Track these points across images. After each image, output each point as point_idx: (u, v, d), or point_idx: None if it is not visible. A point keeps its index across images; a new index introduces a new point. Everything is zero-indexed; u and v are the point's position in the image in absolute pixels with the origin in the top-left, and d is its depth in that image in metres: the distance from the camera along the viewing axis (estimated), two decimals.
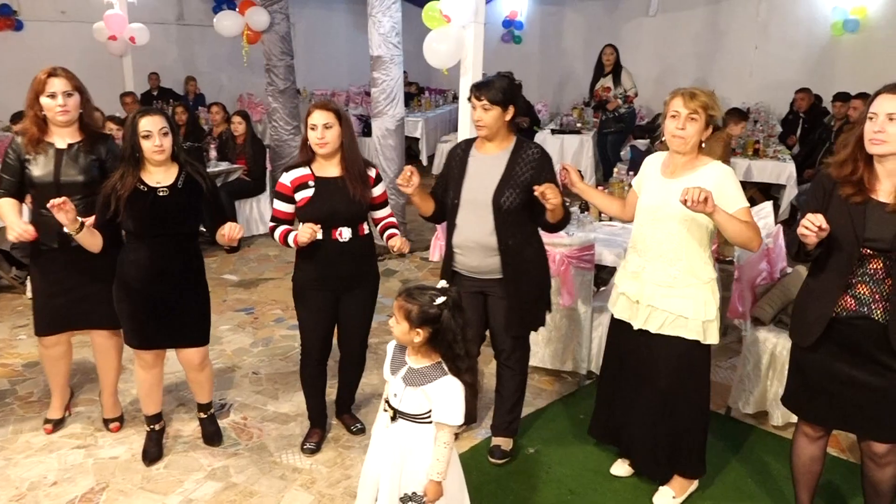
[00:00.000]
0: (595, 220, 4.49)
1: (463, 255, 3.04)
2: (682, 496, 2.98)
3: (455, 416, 2.16)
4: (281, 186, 3.06)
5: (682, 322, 2.71)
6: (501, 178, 2.92)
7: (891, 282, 2.27)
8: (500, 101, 2.88)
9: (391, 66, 5.88)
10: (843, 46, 8.91)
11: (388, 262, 6.05)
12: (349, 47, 12.41)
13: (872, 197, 2.28)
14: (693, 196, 2.36)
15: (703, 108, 2.60)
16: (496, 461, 3.25)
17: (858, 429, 2.49)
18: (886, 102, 2.20)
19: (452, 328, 2.13)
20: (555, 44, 11.43)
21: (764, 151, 6.77)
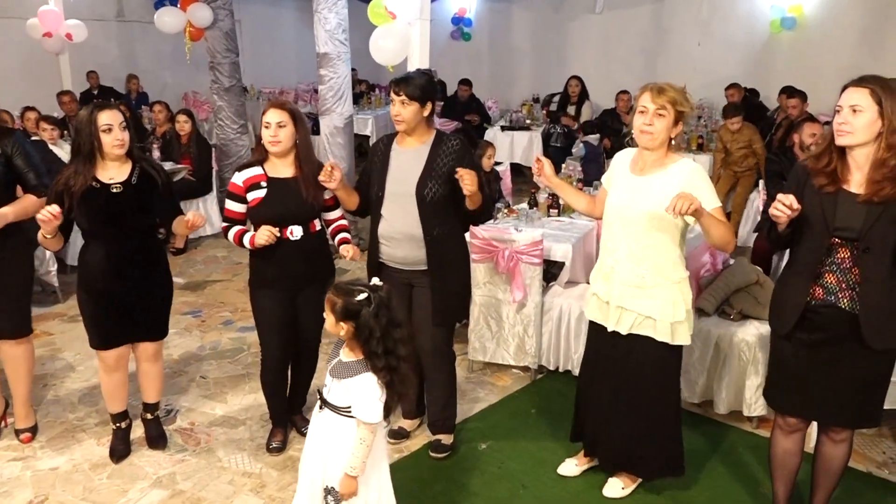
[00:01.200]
0: (543, 215, 4.53)
1: (389, 247, 3.06)
2: (631, 487, 3.03)
3: (370, 413, 2.16)
4: (233, 186, 3.04)
5: (651, 323, 2.70)
6: (423, 170, 2.97)
7: (857, 271, 2.32)
8: (419, 97, 2.93)
9: (338, 64, 5.82)
10: (782, 43, 9.17)
11: (338, 261, 5.97)
12: (297, 44, 12.24)
13: (844, 187, 2.34)
14: (681, 208, 2.32)
15: (672, 103, 2.55)
16: (437, 455, 3.26)
17: (828, 417, 2.53)
18: (850, 95, 2.27)
19: (370, 325, 2.13)
20: (503, 41, 11.49)
21: (708, 146, 6.93)
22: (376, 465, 2.31)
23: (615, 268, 2.74)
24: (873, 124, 2.24)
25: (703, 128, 7.53)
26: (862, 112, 2.24)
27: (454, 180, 2.90)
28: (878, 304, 2.30)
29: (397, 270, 3.09)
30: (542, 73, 10.97)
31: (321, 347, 3.31)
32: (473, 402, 3.77)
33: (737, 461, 3.26)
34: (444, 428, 3.32)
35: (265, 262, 3.05)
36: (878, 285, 2.29)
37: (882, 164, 2.24)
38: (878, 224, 2.25)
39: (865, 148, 2.29)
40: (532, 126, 8.42)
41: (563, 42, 10.83)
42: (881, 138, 2.24)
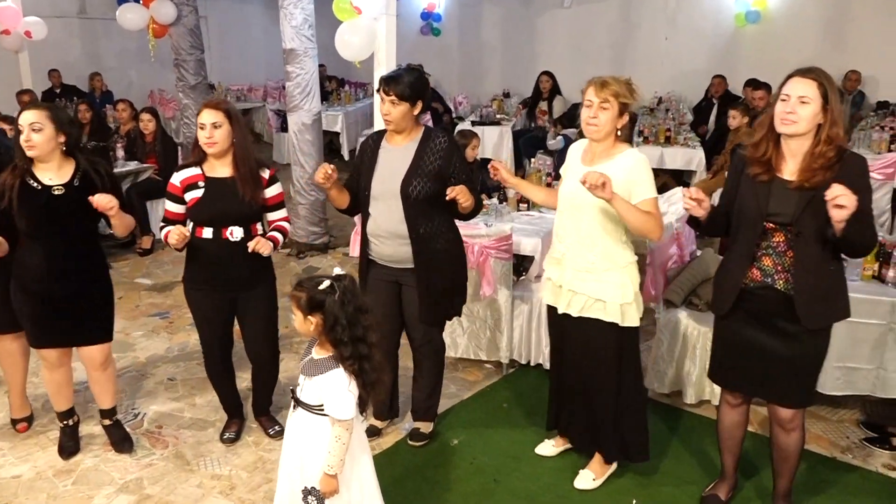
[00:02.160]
0: (513, 209, 4.53)
1: (377, 245, 3.07)
2: (602, 477, 3.05)
3: (341, 410, 2.13)
4: (171, 187, 3.01)
5: (601, 305, 2.78)
6: (409, 169, 2.95)
7: (792, 254, 2.42)
8: (409, 96, 2.90)
9: (305, 60, 5.76)
10: (747, 37, 9.29)
11: (309, 260, 5.95)
12: (265, 40, 12.11)
13: (778, 175, 2.42)
14: (592, 180, 2.45)
15: (615, 96, 2.63)
16: (414, 443, 3.30)
17: (766, 394, 2.64)
18: (799, 86, 2.33)
19: (336, 313, 2.09)
20: (473, 36, 11.48)
21: (675, 139, 7.00)
22: (355, 461, 2.28)
23: (566, 254, 2.83)
24: (816, 116, 2.32)
25: (670, 120, 7.59)
26: (808, 104, 2.31)
27: (442, 179, 2.92)
28: (811, 286, 2.41)
29: (386, 268, 3.10)
30: (512, 68, 10.98)
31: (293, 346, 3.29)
32: (445, 398, 3.74)
33: (705, 449, 3.30)
34: (426, 415, 3.36)
35: (202, 263, 3.02)
36: (810, 268, 2.40)
37: (820, 155, 2.33)
38: (808, 209, 2.34)
39: (802, 139, 2.37)
40: (502, 121, 8.42)
41: (532, 37, 10.85)
42: (821, 131, 2.33)
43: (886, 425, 3.44)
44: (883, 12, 8.36)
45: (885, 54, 8.39)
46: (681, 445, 3.35)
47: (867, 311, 3.22)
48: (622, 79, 2.70)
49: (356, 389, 2.16)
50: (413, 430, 3.36)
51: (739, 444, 2.84)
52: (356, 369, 2.14)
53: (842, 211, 2.14)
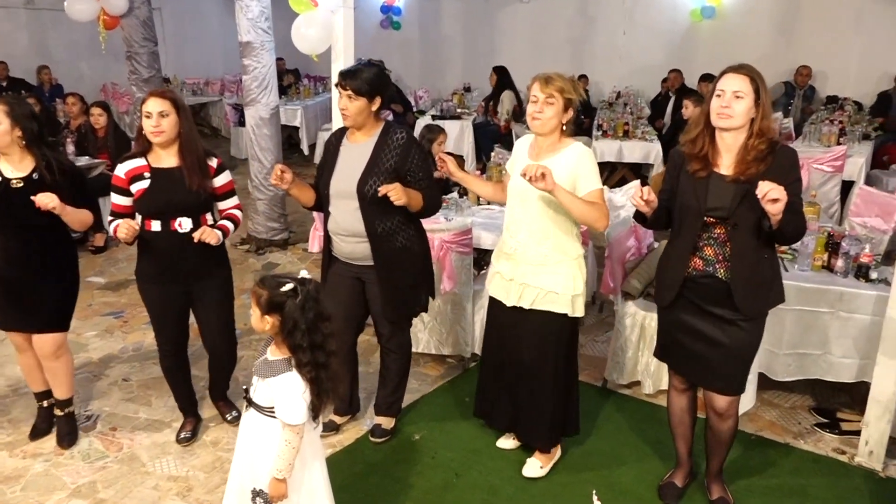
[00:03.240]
0: (473, 204, 4.53)
1: (338, 242, 3.07)
2: (549, 464, 3.10)
3: (292, 415, 2.09)
4: (116, 179, 2.96)
5: (553, 297, 2.82)
6: (366, 167, 2.92)
7: (731, 244, 2.50)
8: (367, 91, 2.87)
9: (262, 53, 5.68)
10: (702, 32, 9.45)
11: (269, 256, 5.86)
12: (222, 33, 11.88)
13: (715, 170, 2.50)
14: (531, 172, 2.50)
15: (559, 91, 2.70)
16: (376, 440, 3.29)
17: (704, 382, 2.71)
18: (733, 81, 2.41)
19: (295, 317, 2.05)
20: (434, 30, 11.44)
21: (633, 133, 7.08)
22: (306, 467, 2.24)
23: (518, 249, 2.85)
24: (750, 110, 2.41)
25: (628, 114, 7.67)
26: (743, 98, 2.39)
27: (399, 175, 2.91)
28: (747, 275, 2.49)
29: (348, 265, 3.09)
30: (472, 62, 10.98)
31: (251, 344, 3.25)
32: (407, 394, 3.71)
33: (663, 438, 3.34)
34: (388, 411, 3.36)
35: (153, 255, 2.99)
36: (746, 258, 2.48)
37: (753, 148, 2.42)
38: (744, 202, 2.42)
39: (736, 132, 2.44)
40: (462, 115, 8.42)
41: (492, 31, 10.87)
42: (754, 124, 2.42)
43: (836, 410, 3.55)
44: (831, 10, 8.59)
45: (834, 50, 8.62)
46: (639, 435, 3.40)
47: (816, 300, 3.31)
48: (566, 75, 2.78)
49: (309, 395, 2.12)
50: (375, 426, 3.35)
51: (691, 430, 2.91)
52: (312, 376, 2.09)
53: (776, 204, 2.22)
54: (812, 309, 3.32)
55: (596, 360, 4.10)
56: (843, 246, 3.40)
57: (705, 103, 2.52)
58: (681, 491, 2.94)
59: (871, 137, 6.86)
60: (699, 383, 2.78)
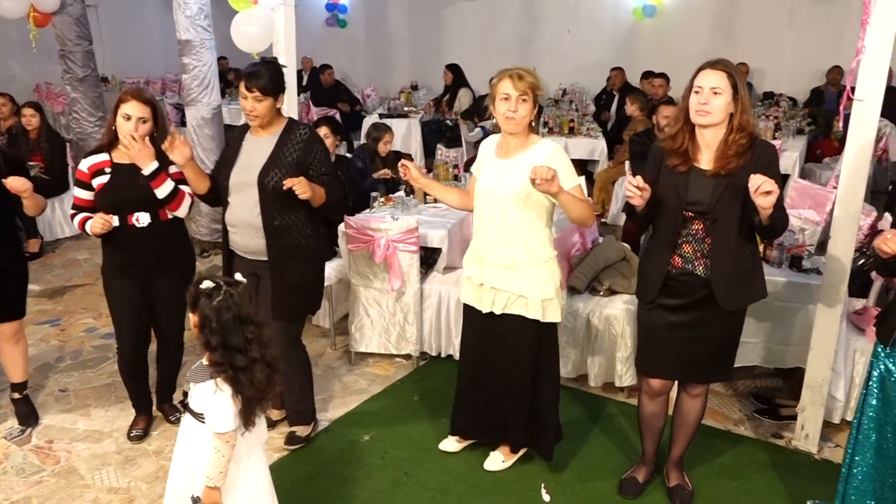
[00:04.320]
0: (420, 202, 4.53)
1: (235, 234, 3.05)
2: (512, 460, 3.11)
3: (217, 422, 2.04)
4: (79, 173, 3.03)
5: (523, 302, 2.78)
6: (268, 159, 2.93)
7: (710, 240, 2.52)
8: (272, 90, 2.89)
9: (202, 51, 5.55)
10: (644, 30, 9.65)
11: (213, 258, 5.74)
12: (162, 31, 11.57)
13: (695, 165, 2.51)
14: (541, 174, 2.42)
15: (532, 88, 2.66)
16: (290, 447, 3.22)
17: (691, 376, 2.74)
18: (709, 77, 2.43)
19: (208, 315, 2.01)
20: (381, 28, 11.39)
21: (578, 130, 7.18)
22: (242, 476, 2.19)
23: (487, 250, 2.81)
24: (728, 106, 2.42)
25: (574, 112, 7.77)
26: (721, 94, 2.40)
27: (301, 170, 2.91)
28: (728, 270, 2.51)
29: (244, 260, 3.07)
30: (420, 60, 10.98)
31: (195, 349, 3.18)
32: (356, 394, 3.72)
33: (610, 430, 3.41)
34: (301, 419, 3.27)
35: (113, 250, 3.06)
36: (727, 253, 2.50)
37: (734, 143, 2.43)
38: (724, 196, 2.44)
39: (716, 128, 2.46)
40: (410, 114, 8.40)
41: (440, 29, 10.88)
42: (733, 119, 2.43)
43: (774, 397, 3.66)
44: (766, 8, 8.87)
45: (770, 48, 8.91)
46: (586, 428, 3.45)
47: None
48: (533, 70, 2.72)
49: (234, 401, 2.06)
50: (289, 433, 3.25)
51: (660, 432, 2.92)
52: (230, 377, 2.03)
53: (769, 197, 2.25)
54: None
55: None
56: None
57: (684, 100, 2.53)
58: (642, 486, 2.96)
59: (804, 132, 7.11)
60: (687, 378, 2.77)
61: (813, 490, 2.96)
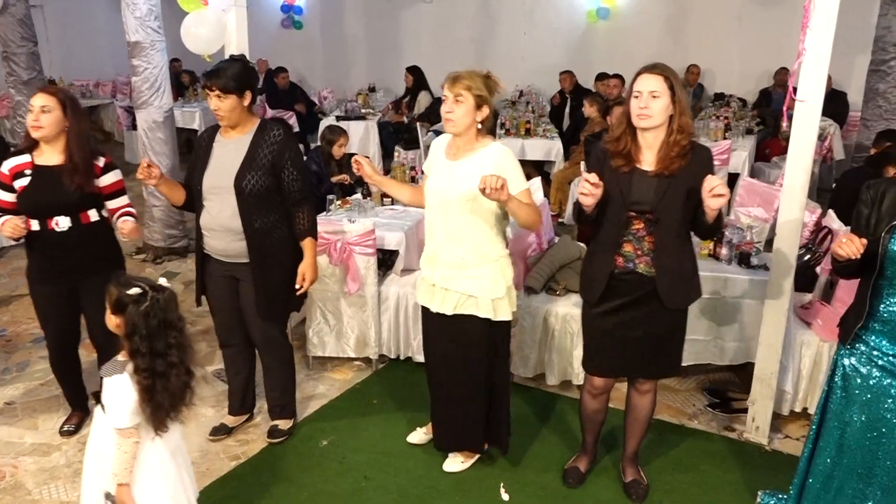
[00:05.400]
0: (377, 204, 4.51)
1: (211, 238, 3.01)
2: (471, 460, 3.12)
3: (115, 417, 2.08)
4: (1, 175, 2.96)
5: (473, 301, 2.79)
6: (243, 163, 2.91)
7: (651, 239, 2.56)
8: (235, 88, 2.86)
9: (152, 53, 5.45)
10: (598, 32, 9.78)
11: (167, 265, 5.64)
12: (110, 32, 11.29)
13: (638, 166, 2.56)
14: (491, 183, 2.41)
15: (467, 89, 2.65)
16: (273, 440, 3.26)
17: (640, 373, 2.79)
18: (648, 82, 2.47)
19: (136, 321, 2.05)
20: (337, 30, 11.31)
21: (534, 131, 7.24)
22: (146, 483, 2.17)
23: (437, 251, 2.83)
24: (667, 108, 2.47)
25: (530, 113, 7.84)
26: (659, 97, 2.46)
27: (275, 172, 2.90)
28: (670, 268, 2.57)
29: (221, 263, 3.04)
30: (377, 62, 10.94)
31: None
32: (314, 399, 3.69)
33: (567, 427, 3.45)
34: (282, 414, 3.32)
35: (35, 255, 3.04)
36: (669, 251, 2.56)
37: (675, 143, 2.48)
38: (666, 196, 2.50)
39: (657, 130, 2.51)
40: (368, 115, 8.36)
41: (397, 31, 10.86)
42: (673, 121, 2.48)
43: (727, 391, 3.75)
44: (715, 12, 9.07)
45: (719, 50, 9.11)
46: (545, 426, 3.48)
47: (704, 287, 3.45)
48: (480, 72, 2.73)
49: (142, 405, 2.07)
50: (272, 426, 3.31)
51: (600, 425, 3.00)
52: (147, 385, 2.06)
53: (720, 199, 2.31)
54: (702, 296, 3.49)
55: None
56: (726, 235, 3.60)
57: (625, 104, 2.57)
58: (583, 475, 3.03)
59: (753, 132, 7.30)
60: (633, 375, 2.82)
61: (764, 480, 3.03)
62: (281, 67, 9.33)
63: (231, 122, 2.91)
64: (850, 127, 7.56)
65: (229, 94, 2.84)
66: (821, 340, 3.37)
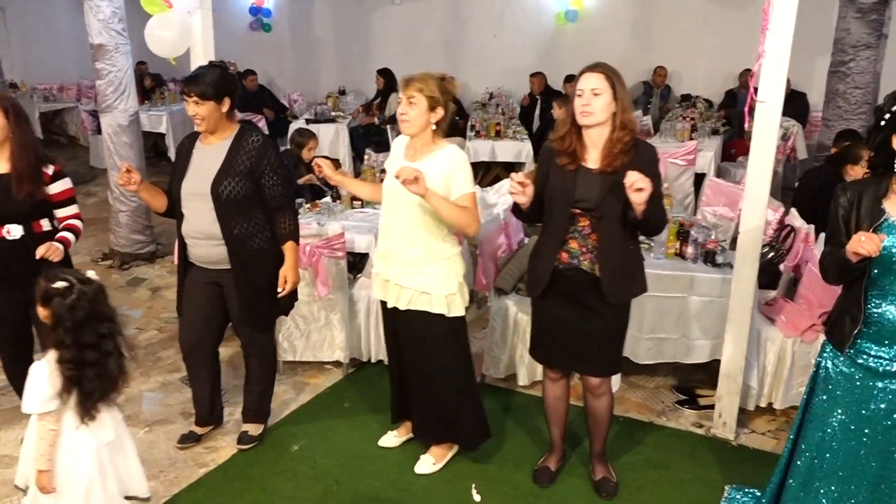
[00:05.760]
0: (347, 207, 4.50)
1: (192, 246, 3.00)
2: (443, 461, 3.13)
3: (27, 401, 2.15)
4: None
5: (427, 298, 2.84)
6: (220, 168, 2.90)
7: (595, 236, 2.61)
8: (212, 94, 2.85)
9: (117, 56, 5.37)
10: (567, 34, 9.85)
11: (134, 271, 5.55)
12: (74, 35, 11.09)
13: (583, 164, 2.61)
14: (405, 175, 2.51)
15: (419, 91, 2.72)
16: (242, 447, 3.24)
17: (579, 367, 2.85)
18: (589, 80, 2.54)
19: (60, 314, 2.12)
20: (306, 32, 11.25)
21: (504, 133, 7.28)
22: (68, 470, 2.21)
23: (391, 249, 2.88)
24: (609, 105, 2.53)
25: (500, 115, 7.87)
26: (600, 95, 2.51)
27: (254, 178, 2.90)
28: (613, 265, 2.62)
29: (205, 270, 3.02)
30: (347, 64, 10.90)
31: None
32: (284, 405, 3.66)
33: (539, 427, 3.45)
34: (256, 417, 3.31)
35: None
36: (612, 248, 2.62)
37: (618, 140, 2.55)
38: (610, 193, 2.55)
39: (601, 128, 2.57)
40: (338, 118, 8.33)
41: (367, 33, 10.82)
42: (615, 118, 2.54)
43: (694, 388, 3.80)
44: (682, 14, 9.18)
45: (686, 52, 9.22)
46: (517, 426, 3.50)
47: (670, 286, 3.54)
48: (435, 74, 2.79)
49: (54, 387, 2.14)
50: (242, 432, 3.28)
51: (564, 416, 3.02)
52: (71, 375, 2.13)
53: (641, 194, 2.35)
54: (668, 295, 3.55)
55: (475, 356, 4.14)
56: (692, 234, 3.66)
57: (570, 104, 2.62)
58: (554, 474, 3.06)
59: (719, 132, 7.42)
60: (575, 369, 2.90)
61: (731, 475, 3.08)
62: (250, 70, 9.24)
63: (209, 128, 2.91)
64: (813, 127, 7.71)
65: (207, 100, 2.84)
66: (784, 336, 3.43)
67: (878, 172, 2.21)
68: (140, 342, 4.38)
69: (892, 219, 2.14)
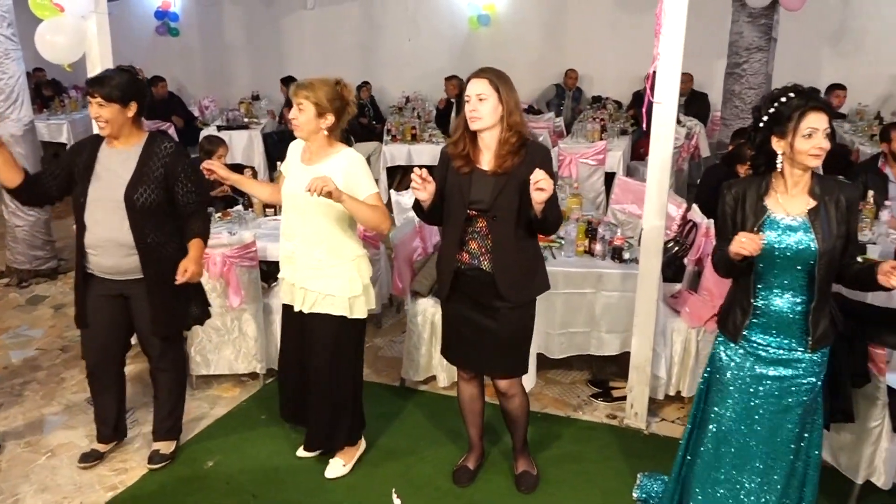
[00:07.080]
0: (259, 215, 4.41)
1: (97, 256, 2.87)
2: (352, 462, 3.14)
3: None
4: None
5: (331, 300, 2.87)
6: (134, 175, 2.83)
7: (492, 237, 2.66)
8: (118, 97, 2.78)
9: (7, 63, 5.08)
10: (480, 38, 9.98)
11: (34, 288, 5.26)
12: None
13: (478, 167, 2.67)
14: (315, 187, 2.52)
15: (306, 98, 2.76)
16: (153, 466, 3.14)
17: (485, 369, 2.89)
18: (475, 86, 2.60)
19: None
20: (216, 37, 10.95)
21: (420, 136, 7.31)
22: None
23: (295, 252, 2.90)
24: (496, 109, 2.59)
25: (416, 119, 7.89)
26: (486, 99, 2.58)
27: (168, 185, 2.85)
28: (509, 265, 2.68)
29: (109, 282, 2.90)
30: (260, 70, 10.66)
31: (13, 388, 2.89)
32: (198, 419, 3.55)
33: (459, 428, 3.45)
34: (168, 434, 3.20)
35: None
36: (507, 248, 2.67)
37: (506, 141, 2.62)
38: (503, 194, 2.62)
39: (492, 131, 2.63)
40: (251, 125, 8.15)
41: (279, 38, 10.64)
42: (503, 120, 2.61)
43: (608, 381, 3.92)
44: (591, 18, 9.46)
45: (595, 54, 9.50)
46: (437, 427, 3.51)
47: (580, 282, 3.64)
48: (329, 80, 2.82)
49: None
50: (153, 451, 3.17)
51: (480, 416, 3.05)
52: None
53: (542, 193, 2.41)
54: (578, 291, 3.65)
55: (394, 360, 4.16)
56: (599, 231, 3.77)
57: (463, 109, 2.66)
58: (473, 473, 3.09)
59: (628, 132, 7.67)
60: (482, 371, 2.93)
61: (643, 463, 3.19)
62: (158, 77, 8.91)
63: (112, 132, 2.82)
64: (714, 126, 8.08)
65: (112, 102, 2.77)
66: (689, 327, 3.58)
67: (759, 171, 2.34)
68: (42, 363, 4.16)
69: (774, 216, 2.27)
